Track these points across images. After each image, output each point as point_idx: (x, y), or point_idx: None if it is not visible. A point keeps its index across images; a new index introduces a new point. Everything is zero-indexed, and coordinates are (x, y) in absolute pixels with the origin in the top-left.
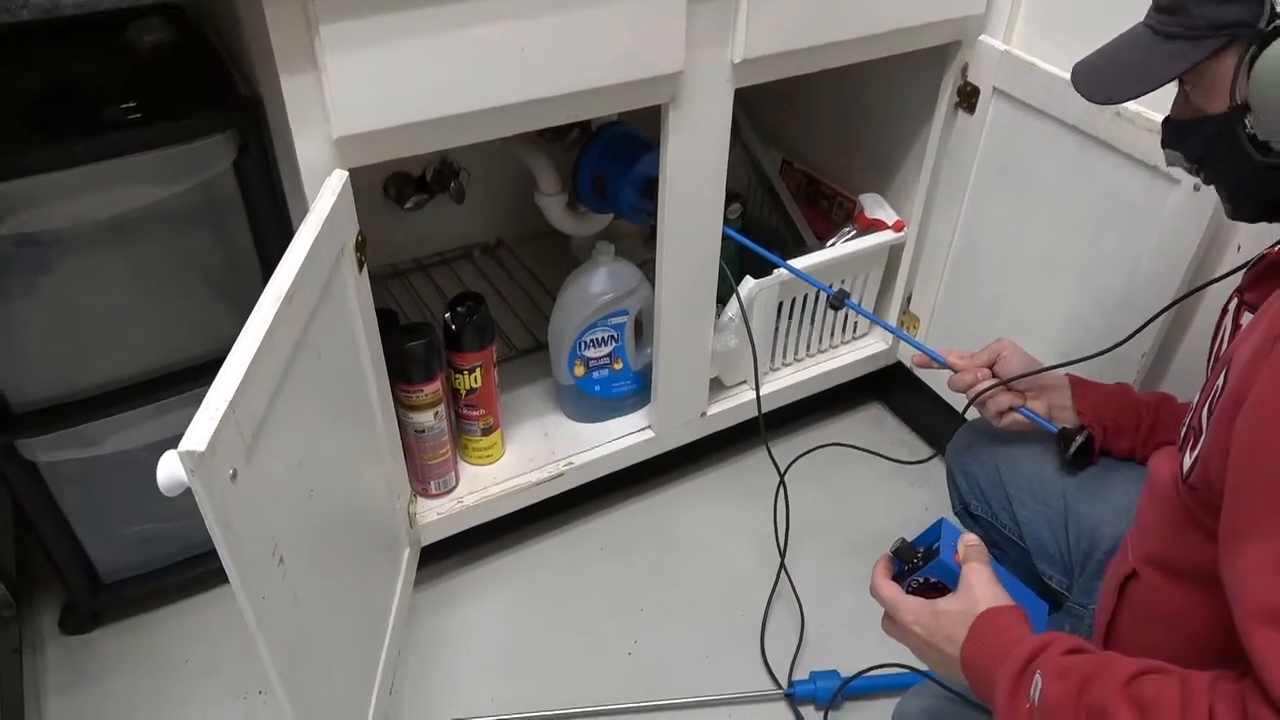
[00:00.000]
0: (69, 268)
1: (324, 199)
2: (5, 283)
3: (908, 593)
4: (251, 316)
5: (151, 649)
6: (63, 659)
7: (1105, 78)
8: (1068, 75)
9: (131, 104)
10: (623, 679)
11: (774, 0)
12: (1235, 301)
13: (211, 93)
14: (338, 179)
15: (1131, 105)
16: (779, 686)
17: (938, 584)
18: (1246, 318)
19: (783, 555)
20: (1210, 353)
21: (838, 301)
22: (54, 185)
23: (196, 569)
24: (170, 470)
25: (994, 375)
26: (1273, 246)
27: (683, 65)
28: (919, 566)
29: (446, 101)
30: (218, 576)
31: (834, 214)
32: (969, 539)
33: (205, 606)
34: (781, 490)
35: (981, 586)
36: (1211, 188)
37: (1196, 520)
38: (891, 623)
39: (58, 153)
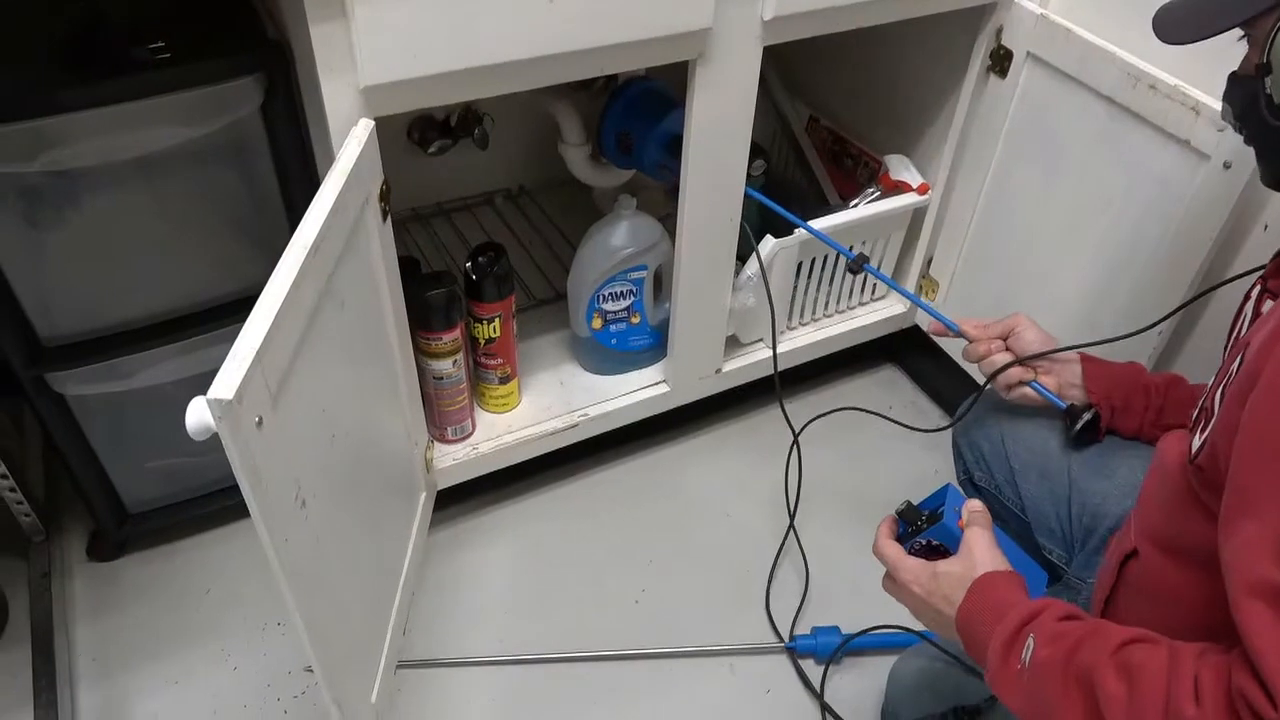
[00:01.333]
0: (97, 203)
1: (349, 149)
2: (35, 217)
3: (909, 554)
4: (278, 267)
5: (174, 579)
6: (90, 585)
7: (1176, 18)
8: (1104, 42)
9: (160, 44)
10: (629, 627)
11: None
12: (1259, 288)
13: (240, 35)
14: (364, 129)
15: (1167, 78)
16: (781, 640)
17: (939, 546)
18: (1268, 305)
19: (792, 515)
20: (1229, 337)
21: (857, 266)
22: (84, 123)
23: (219, 502)
24: (199, 416)
25: (1008, 349)
26: None
27: (711, 21)
28: (922, 529)
29: (474, 53)
30: (239, 510)
31: (858, 173)
32: (973, 504)
33: (227, 539)
34: (795, 450)
35: (981, 550)
36: (1245, 166)
37: (1200, 502)
38: (891, 581)
39: (87, 91)
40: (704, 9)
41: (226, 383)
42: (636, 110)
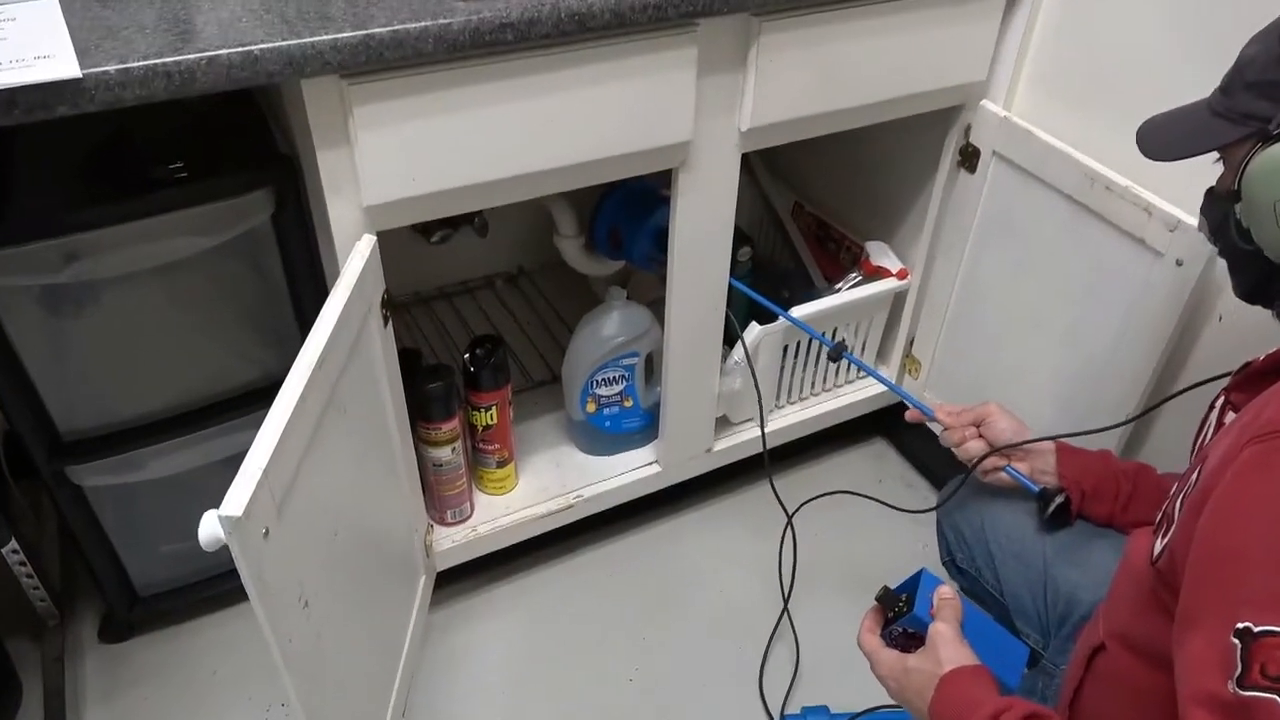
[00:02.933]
0: (118, 307)
1: (353, 264)
2: (59, 320)
3: (889, 642)
4: (285, 383)
5: (183, 660)
6: (101, 667)
7: (1160, 139)
8: (1062, 144)
9: (179, 164)
10: (624, 706)
11: (780, 72)
12: (1222, 400)
13: (253, 151)
14: (366, 244)
15: (1119, 180)
16: (771, 719)
17: (915, 634)
18: (1230, 417)
19: (786, 599)
20: (1194, 444)
21: (836, 353)
22: (108, 238)
23: (226, 584)
24: (210, 530)
25: (980, 435)
26: (1259, 357)
27: (691, 135)
28: (902, 613)
29: (467, 172)
30: (245, 593)
31: (841, 257)
32: (943, 592)
33: (233, 619)
34: (788, 531)
35: (946, 647)
36: (1196, 264)
37: (1162, 603)
38: (868, 658)
39: (112, 209)
40: (684, 124)
41: (236, 500)
42: (625, 208)
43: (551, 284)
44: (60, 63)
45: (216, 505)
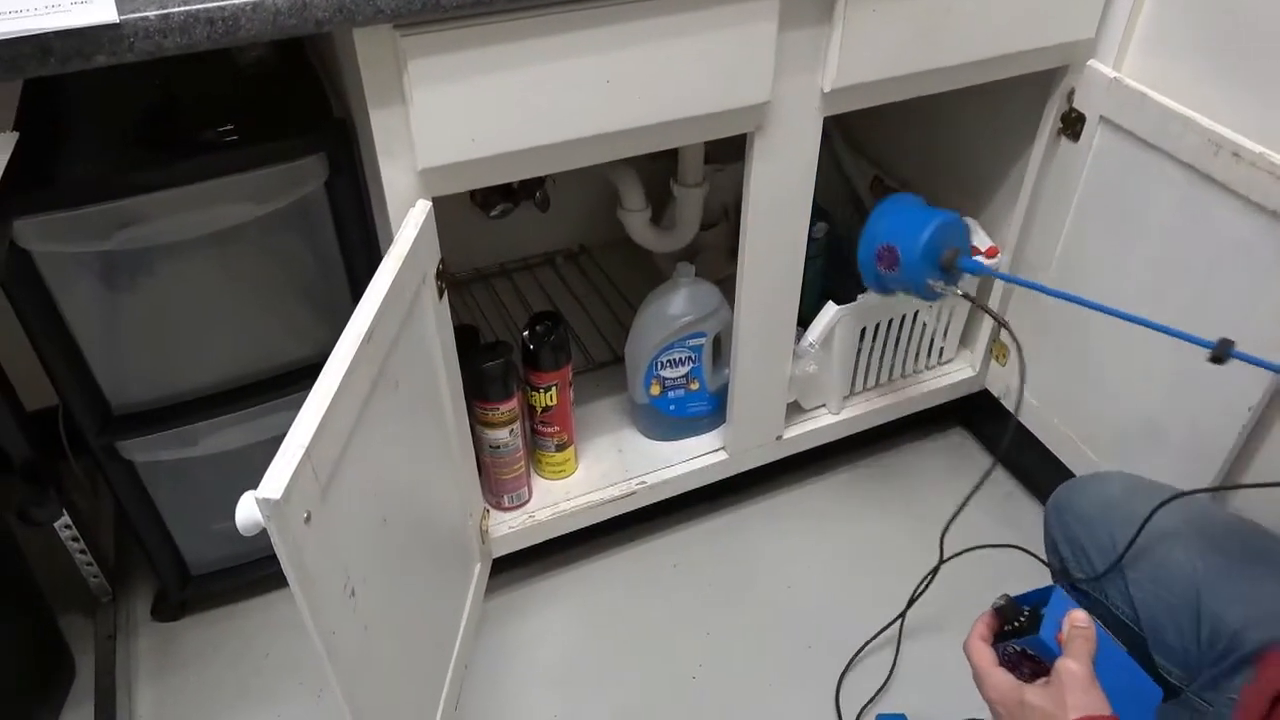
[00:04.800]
0: (169, 277)
1: (406, 231)
2: (109, 291)
3: (1002, 658)
4: (332, 356)
5: (235, 640)
6: (153, 645)
7: None
8: (1182, 107)
9: (229, 126)
10: (686, 704)
11: (869, 27)
12: None
13: (307, 114)
14: (421, 210)
15: (1252, 145)
16: None
17: (1034, 657)
18: None
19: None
20: None
21: (1221, 354)
22: (158, 203)
23: (276, 565)
24: (248, 513)
25: None
26: None
27: (770, 95)
28: (1020, 631)
29: (530, 134)
30: None
31: None
32: (1077, 618)
33: (286, 601)
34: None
35: (1075, 692)
36: None
37: None
38: (974, 673)
39: (161, 173)
40: (762, 83)
41: (275, 482)
42: (900, 221)
43: (614, 262)
44: (97, 8)
45: None
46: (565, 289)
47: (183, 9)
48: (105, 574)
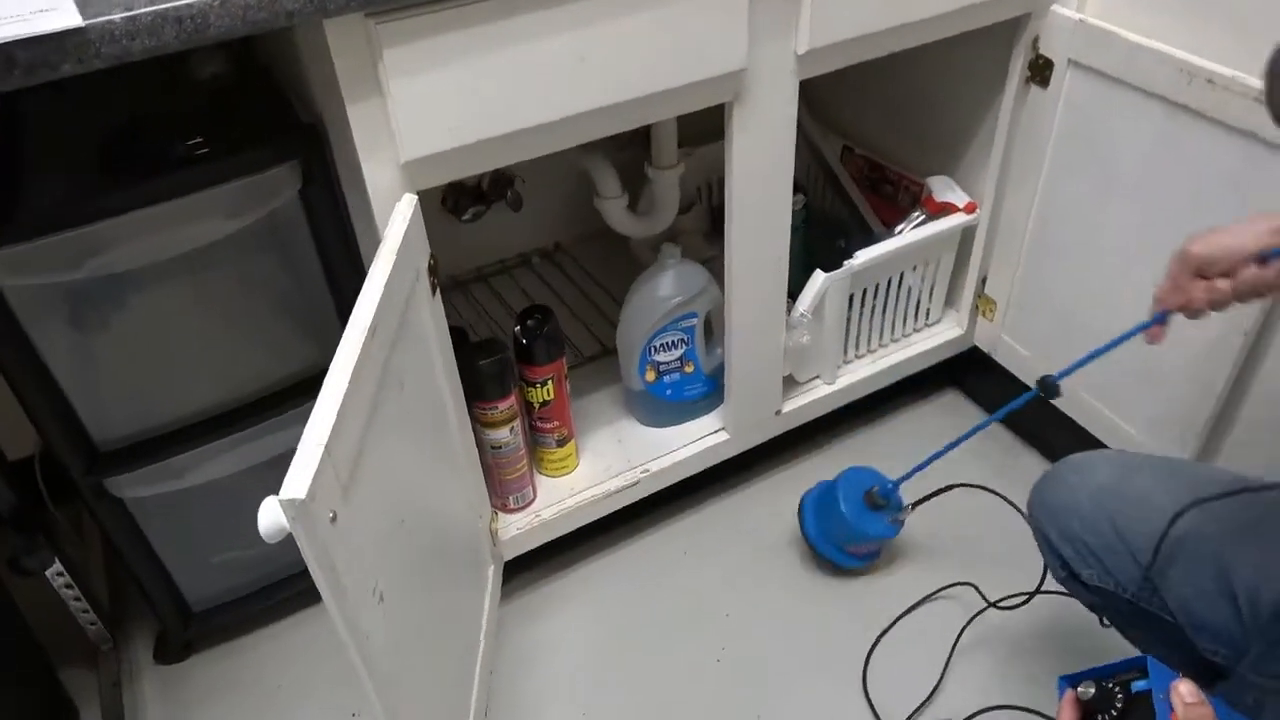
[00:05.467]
0: (145, 303)
1: (395, 226)
2: (84, 322)
3: None
4: (337, 354)
5: (244, 675)
6: (159, 689)
7: None
8: (1150, 41)
9: (198, 139)
10: (715, 687)
11: None
12: None
13: (273, 122)
14: (408, 204)
15: (1224, 70)
16: (865, 690)
17: None
18: None
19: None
20: None
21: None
22: (128, 225)
23: (282, 592)
24: (271, 517)
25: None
26: None
27: (746, 62)
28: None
29: (511, 117)
30: (304, 599)
31: (899, 199)
32: (1184, 694)
33: (294, 629)
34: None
35: None
36: None
37: None
38: None
39: (131, 193)
40: (737, 50)
41: (298, 481)
42: (820, 515)
43: (590, 256)
44: (61, 15)
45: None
46: (545, 287)
47: (149, 9)
48: (103, 620)
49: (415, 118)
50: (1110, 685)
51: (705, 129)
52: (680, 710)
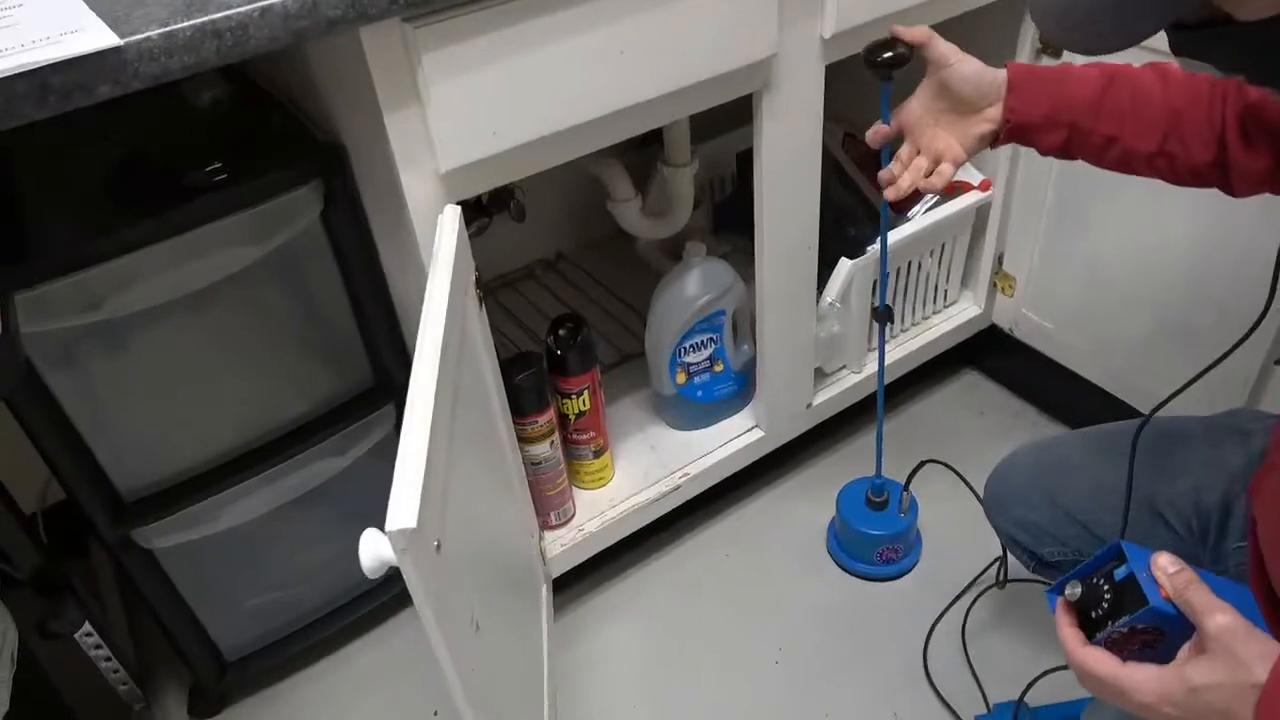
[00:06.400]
0: (163, 342)
1: (445, 238)
2: (106, 368)
3: (1099, 648)
4: (415, 375)
5: None
6: None
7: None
8: None
9: (216, 165)
10: (776, 687)
11: None
12: None
13: (290, 143)
14: (452, 215)
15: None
16: (929, 678)
17: (1145, 630)
18: None
19: (1000, 583)
20: None
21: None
22: (151, 259)
23: (316, 635)
24: (374, 551)
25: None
26: None
27: (776, 48)
28: (1116, 611)
29: (549, 119)
30: (339, 639)
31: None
32: (1164, 564)
33: (331, 671)
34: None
35: (1242, 642)
36: None
37: None
38: (1106, 688)
39: (153, 225)
40: (768, 36)
41: (405, 509)
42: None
43: (595, 262)
44: (93, 35)
45: (303, 545)
46: (552, 297)
47: (188, 24)
48: (133, 678)
49: (455, 125)
50: (1095, 580)
51: (702, 127)
52: (748, 714)
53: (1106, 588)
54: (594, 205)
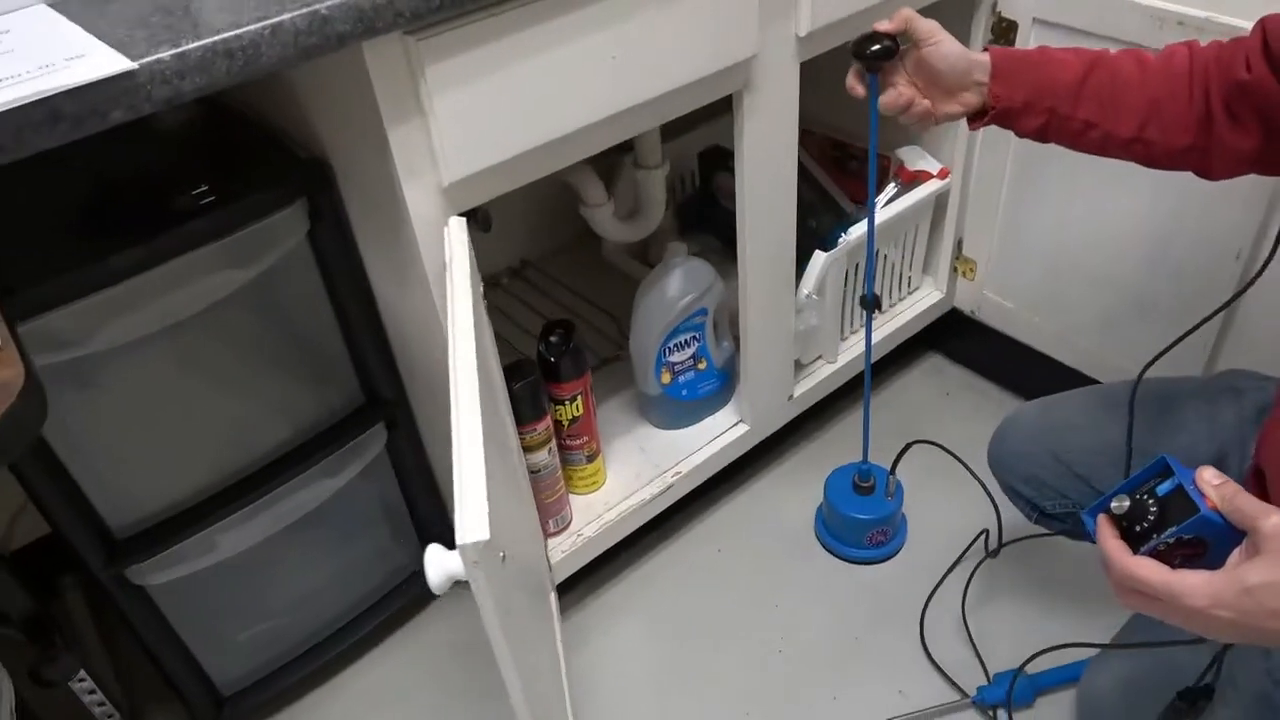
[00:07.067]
0: (153, 371)
1: (457, 250)
2: (90, 400)
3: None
4: (457, 388)
5: None
6: None
7: None
8: None
9: (203, 188)
10: (782, 677)
11: None
12: None
13: (272, 162)
14: (459, 227)
15: (1197, 13)
16: (927, 651)
17: (1189, 542)
18: None
19: (993, 553)
20: None
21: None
22: (138, 289)
23: (311, 663)
24: (441, 567)
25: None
26: None
27: (758, 48)
28: (1163, 523)
29: (550, 125)
30: (336, 665)
31: (865, 173)
32: (1208, 476)
33: (328, 699)
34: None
35: None
36: None
37: None
38: (1153, 603)
39: (136, 254)
40: (750, 37)
41: (475, 522)
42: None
43: (561, 268)
44: (102, 59)
45: (297, 571)
46: (524, 306)
47: (198, 44)
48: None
49: (458, 137)
50: (1140, 495)
51: (665, 128)
52: (756, 705)
53: (1151, 502)
54: (557, 211)
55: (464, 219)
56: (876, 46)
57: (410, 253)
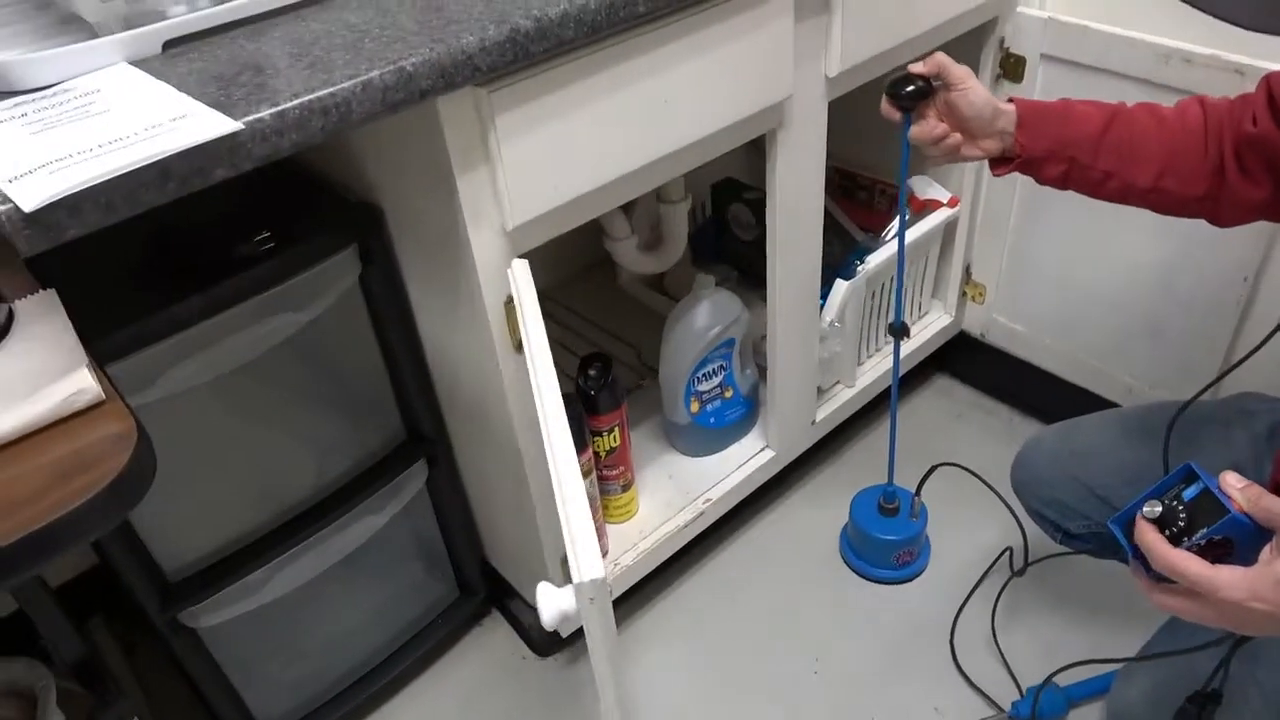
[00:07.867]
0: (208, 415)
1: (526, 293)
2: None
3: None
4: (548, 425)
5: None
6: None
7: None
8: (1124, 30)
9: (265, 234)
10: (819, 698)
11: (862, 7)
12: None
13: (324, 206)
14: (523, 269)
15: (1201, 49)
16: (958, 665)
17: (1222, 541)
18: None
19: (1019, 572)
20: None
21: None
22: (202, 334)
23: (351, 700)
24: (554, 604)
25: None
26: None
27: (793, 89)
28: (1193, 526)
29: (606, 168)
30: (371, 704)
31: (876, 203)
32: (1232, 480)
33: None
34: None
35: None
36: None
37: None
38: (1186, 600)
39: (201, 300)
40: (785, 79)
41: (590, 559)
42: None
43: (576, 299)
44: (206, 118)
45: (340, 609)
46: None
47: (296, 103)
48: None
49: (522, 182)
50: (1169, 501)
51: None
52: None
53: (1180, 507)
54: (567, 242)
55: (526, 261)
56: (911, 88)
57: (469, 293)
